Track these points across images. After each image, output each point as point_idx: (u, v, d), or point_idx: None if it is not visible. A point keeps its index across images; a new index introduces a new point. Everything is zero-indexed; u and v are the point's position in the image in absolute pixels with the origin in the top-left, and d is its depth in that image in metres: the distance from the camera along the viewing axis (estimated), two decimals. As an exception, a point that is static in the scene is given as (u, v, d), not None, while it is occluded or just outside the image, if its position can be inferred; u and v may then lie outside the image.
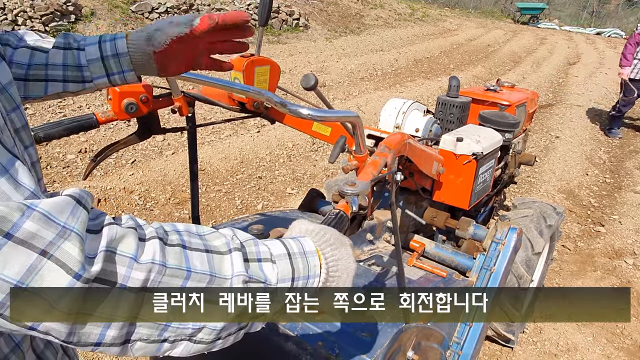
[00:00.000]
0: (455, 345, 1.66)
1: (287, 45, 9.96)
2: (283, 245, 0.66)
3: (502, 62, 11.57)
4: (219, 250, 0.60)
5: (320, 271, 0.67)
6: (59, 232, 0.47)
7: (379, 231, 2.01)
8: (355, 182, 0.84)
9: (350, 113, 0.91)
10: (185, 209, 3.70)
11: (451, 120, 2.27)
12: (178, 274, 0.54)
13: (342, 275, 0.69)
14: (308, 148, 5.11)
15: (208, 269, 0.57)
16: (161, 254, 0.53)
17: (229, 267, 0.59)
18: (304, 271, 0.65)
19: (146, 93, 1.34)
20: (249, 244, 0.64)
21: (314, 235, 0.70)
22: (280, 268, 0.63)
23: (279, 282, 0.62)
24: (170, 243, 0.56)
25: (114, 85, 0.91)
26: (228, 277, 0.58)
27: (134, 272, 0.51)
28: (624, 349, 2.67)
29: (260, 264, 0.62)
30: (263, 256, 0.63)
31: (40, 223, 0.46)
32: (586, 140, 6.30)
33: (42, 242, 0.45)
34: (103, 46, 0.86)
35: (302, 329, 1.27)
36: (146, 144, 4.60)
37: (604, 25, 24.61)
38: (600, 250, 3.69)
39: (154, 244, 0.54)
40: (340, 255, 0.69)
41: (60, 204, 0.48)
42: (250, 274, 0.60)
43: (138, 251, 0.52)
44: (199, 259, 0.57)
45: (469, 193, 1.94)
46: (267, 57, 1.58)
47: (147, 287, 0.52)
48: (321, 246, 0.69)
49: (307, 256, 0.66)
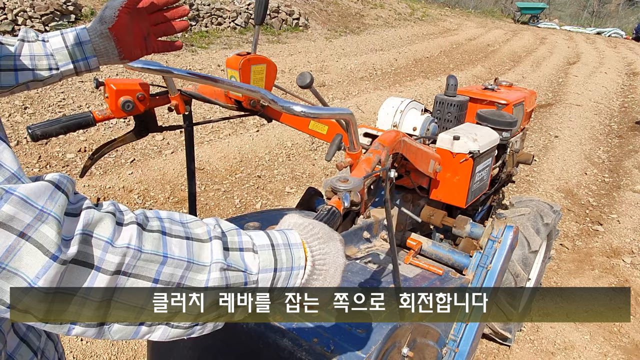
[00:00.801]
0: (452, 343, 1.66)
1: (286, 44, 9.96)
2: (267, 236, 0.66)
3: (502, 61, 11.57)
4: (199, 238, 0.60)
5: (305, 264, 0.67)
6: (36, 215, 0.48)
7: (375, 229, 2.02)
8: (347, 179, 0.85)
9: (344, 110, 0.92)
10: (184, 207, 3.71)
11: (449, 119, 2.28)
12: (154, 259, 0.55)
13: (329, 270, 0.69)
14: (307, 147, 5.11)
15: (186, 256, 0.58)
16: (138, 239, 0.54)
17: (208, 254, 0.59)
18: (287, 262, 0.65)
19: (143, 91, 1.35)
20: (232, 233, 0.64)
21: (302, 228, 0.70)
22: (262, 258, 0.63)
23: (261, 272, 0.63)
24: (150, 229, 0.57)
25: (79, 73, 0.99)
26: (207, 264, 0.59)
27: (108, 255, 0.52)
28: (621, 347, 2.68)
29: (242, 254, 0.63)
30: (245, 246, 0.63)
31: (18, 207, 0.47)
32: (585, 140, 6.30)
33: (20, 224, 0.47)
34: (66, 36, 0.96)
35: (298, 325, 1.28)
36: (145, 143, 4.61)
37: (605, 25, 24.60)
38: (599, 249, 3.69)
39: (132, 229, 0.55)
40: (329, 250, 0.69)
41: (40, 188, 0.50)
42: (229, 261, 0.60)
43: (114, 235, 0.53)
44: (178, 245, 0.58)
45: (465, 191, 1.95)
46: (264, 56, 1.59)
47: (123, 270, 0.53)
48: (308, 239, 0.69)
49: (291, 248, 0.66)
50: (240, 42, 9.42)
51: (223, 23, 9.79)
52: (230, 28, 9.85)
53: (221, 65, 7.55)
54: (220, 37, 9.39)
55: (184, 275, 0.57)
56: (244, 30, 9.99)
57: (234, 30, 9.88)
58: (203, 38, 9.02)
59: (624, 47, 17.28)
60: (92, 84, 5.75)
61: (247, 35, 9.84)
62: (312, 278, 0.68)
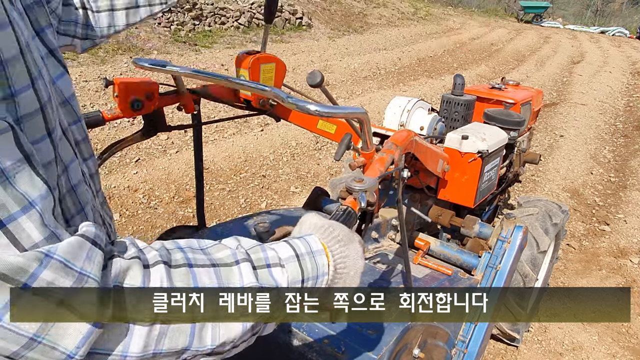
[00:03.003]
0: (461, 344, 1.65)
1: (290, 44, 9.96)
2: (290, 246, 0.65)
3: (505, 60, 11.54)
4: (224, 262, 0.59)
5: (328, 270, 0.67)
6: (75, 280, 0.45)
7: (383, 229, 2.01)
8: (363, 179, 0.84)
9: (358, 109, 0.91)
10: (189, 207, 3.70)
11: (456, 118, 2.26)
12: None
13: (349, 272, 0.69)
14: (312, 147, 5.10)
15: (217, 284, 0.56)
16: (168, 278, 0.52)
17: (238, 279, 0.58)
18: (313, 271, 0.65)
19: (152, 90, 1.34)
20: (256, 250, 0.63)
21: (323, 231, 0.69)
22: (289, 271, 0.63)
23: (290, 285, 0.62)
24: (175, 264, 0.55)
25: None
26: (238, 288, 0.58)
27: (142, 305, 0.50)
28: (629, 348, 2.66)
29: (270, 270, 0.62)
30: (272, 261, 0.62)
31: (58, 272, 0.44)
32: (590, 139, 6.28)
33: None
34: None
35: (309, 326, 1.27)
36: (150, 142, 4.61)
37: (608, 23, 24.51)
38: (606, 249, 3.67)
39: (160, 270, 0.53)
40: (349, 253, 0.69)
41: (75, 247, 0.47)
42: (261, 282, 0.59)
43: (144, 281, 0.51)
44: (207, 275, 0.56)
45: (474, 191, 1.93)
46: (272, 54, 1.58)
47: (160, 317, 0.51)
48: (329, 243, 0.68)
49: (314, 255, 0.66)
50: (243, 41, 9.42)
51: (226, 22, 9.79)
52: (233, 27, 9.85)
53: (225, 65, 7.55)
54: (224, 36, 9.39)
55: None
56: (247, 30, 9.99)
57: (237, 29, 9.87)
58: (206, 37, 9.03)
59: (628, 46, 17.21)
60: (96, 83, 5.75)
61: (250, 35, 9.84)
62: (334, 282, 0.68)
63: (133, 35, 7.84)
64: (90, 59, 6.80)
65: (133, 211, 3.55)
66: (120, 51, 7.30)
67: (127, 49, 7.42)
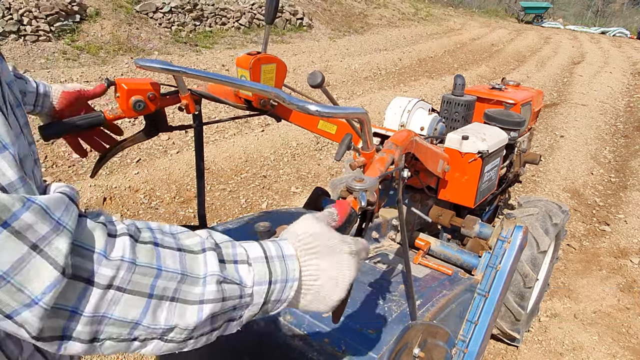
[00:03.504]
0: (461, 343, 1.66)
1: (290, 44, 9.96)
2: (261, 248, 0.65)
3: (506, 61, 11.54)
4: (191, 249, 0.59)
5: (300, 275, 0.66)
6: (52, 227, 0.47)
7: (384, 229, 2.02)
8: (363, 178, 0.84)
9: (358, 109, 0.92)
10: (190, 207, 3.71)
11: (456, 118, 2.27)
12: (148, 272, 0.54)
13: (324, 285, 0.67)
14: (312, 147, 5.11)
15: (180, 268, 0.56)
16: (131, 251, 0.53)
17: (202, 267, 0.58)
18: (282, 274, 0.64)
19: (154, 91, 1.34)
20: (226, 245, 0.63)
21: (298, 240, 0.68)
22: (256, 270, 0.62)
23: (255, 285, 0.62)
24: (142, 240, 0.55)
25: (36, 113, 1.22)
26: (201, 276, 0.58)
27: (102, 268, 0.50)
28: (629, 348, 2.66)
29: (237, 266, 0.62)
30: (239, 258, 0.62)
31: (38, 216, 0.46)
32: (591, 140, 6.28)
33: (35, 235, 0.46)
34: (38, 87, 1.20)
35: (309, 325, 1.27)
36: (151, 142, 4.62)
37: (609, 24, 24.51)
38: (606, 250, 3.67)
39: (124, 241, 0.53)
40: (326, 266, 0.67)
41: (58, 200, 0.49)
42: (225, 274, 0.59)
43: (107, 247, 0.51)
44: (171, 257, 0.56)
45: (474, 191, 1.94)
46: (273, 55, 1.59)
47: (117, 285, 0.51)
48: (300, 254, 0.67)
49: (286, 259, 0.65)
50: (244, 42, 9.43)
51: (227, 23, 9.80)
52: (234, 28, 9.86)
53: (226, 65, 7.56)
54: (225, 37, 9.40)
55: (177, 289, 0.56)
56: (247, 30, 10.00)
57: (238, 30, 9.89)
58: (207, 38, 9.04)
59: (629, 46, 17.20)
60: (97, 84, 5.76)
61: (251, 35, 9.85)
62: (300, 293, 0.67)
63: (134, 36, 7.85)
64: (91, 59, 6.82)
65: (134, 211, 3.55)
66: (121, 52, 7.31)
67: (127, 50, 7.43)
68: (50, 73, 5.87)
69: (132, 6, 8.43)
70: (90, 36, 7.36)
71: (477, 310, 1.69)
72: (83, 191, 3.54)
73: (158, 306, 0.55)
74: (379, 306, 1.41)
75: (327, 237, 0.68)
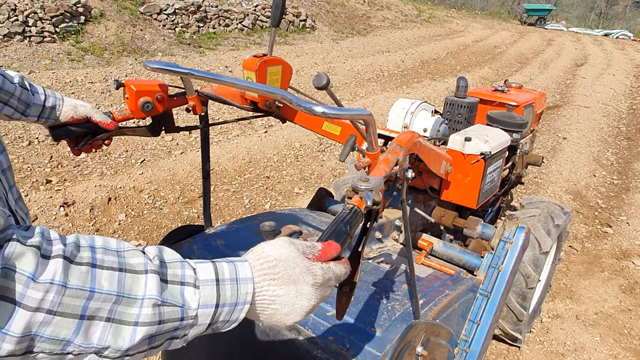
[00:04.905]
0: (463, 343, 1.67)
1: (294, 46, 9.99)
2: (214, 270, 0.65)
3: (509, 63, 11.55)
4: (133, 269, 0.59)
5: (253, 299, 0.66)
6: None
7: (387, 229, 2.03)
8: (369, 178, 0.86)
9: (363, 111, 0.94)
10: (194, 207, 3.73)
11: (459, 120, 2.29)
12: (79, 294, 0.54)
13: (280, 310, 0.67)
14: (315, 148, 5.13)
15: (116, 289, 0.56)
16: (63, 273, 0.53)
17: (141, 287, 0.58)
18: (232, 298, 0.64)
19: (162, 92, 1.37)
20: (174, 265, 0.63)
21: (259, 264, 0.68)
22: (203, 293, 0.63)
23: (201, 307, 0.62)
24: (78, 261, 0.55)
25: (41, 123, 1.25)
26: (139, 298, 0.58)
27: (29, 290, 0.50)
28: (631, 350, 2.67)
29: (182, 288, 0.62)
30: (187, 280, 0.63)
31: None
32: (593, 142, 6.28)
33: None
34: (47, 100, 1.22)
35: (313, 324, 1.29)
36: (155, 143, 4.65)
37: (612, 26, 24.47)
38: (608, 251, 3.68)
39: (57, 263, 0.53)
40: (284, 293, 0.67)
41: None
42: (164, 296, 0.59)
43: (37, 270, 0.51)
44: (108, 278, 0.56)
45: (476, 192, 1.96)
46: (278, 57, 1.61)
47: (47, 308, 0.52)
48: (258, 278, 0.67)
49: (238, 283, 0.65)
50: (247, 43, 9.46)
51: (230, 24, 9.83)
52: (237, 29, 9.89)
53: (229, 67, 7.59)
54: (228, 38, 9.43)
55: (112, 309, 0.56)
56: (251, 32, 10.03)
57: (241, 31, 9.92)
58: (211, 39, 9.07)
59: (632, 48, 17.18)
60: (101, 85, 5.80)
61: (254, 37, 9.88)
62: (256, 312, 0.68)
63: (138, 38, 7.89)
64: (96, 60, 6.86)
65: (138, 211, 3.58)
66: (125, 53, 7.35)
67: (132, 51, 7.47)
68: (54, 74, 5.91)
69: (137, 8, 8.47)
70: (95, 37, 7.40)
71: (480, 310, 1.71)
72: (88, 192, 3.57)
73: (90, 326, 0.55)
74: (383, 305, 1.43)
75: (292, 264, 0.67)
